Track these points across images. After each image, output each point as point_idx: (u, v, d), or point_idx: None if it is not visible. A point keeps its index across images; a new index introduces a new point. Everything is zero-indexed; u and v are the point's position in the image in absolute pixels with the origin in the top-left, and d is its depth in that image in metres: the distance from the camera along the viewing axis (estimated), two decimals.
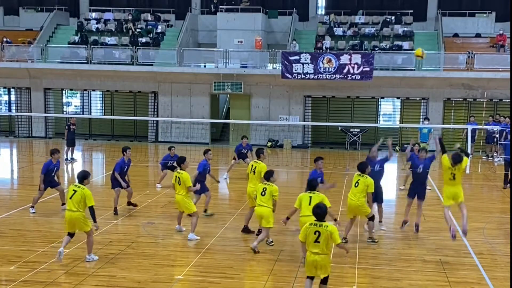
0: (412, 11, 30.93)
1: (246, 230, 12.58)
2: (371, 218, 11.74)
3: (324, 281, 8.47)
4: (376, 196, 12.25)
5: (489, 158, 24.44)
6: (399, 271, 10.11)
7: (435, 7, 31.64)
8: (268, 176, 11.42)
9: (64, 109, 30.96)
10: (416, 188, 12.60)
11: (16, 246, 10.24)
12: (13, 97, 30.92)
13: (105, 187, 17.67)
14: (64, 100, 31.15)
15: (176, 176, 12.13)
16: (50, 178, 14.13)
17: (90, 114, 30.72)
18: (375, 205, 12.73)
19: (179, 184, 12.03)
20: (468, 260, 11.08)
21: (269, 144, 27.50)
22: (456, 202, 11.44)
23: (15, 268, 10.08)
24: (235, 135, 28.05)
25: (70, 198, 10.20)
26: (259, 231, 11.91)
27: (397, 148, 27.66)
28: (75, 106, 33.18)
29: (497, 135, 22.85)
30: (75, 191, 10.20)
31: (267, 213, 11.20)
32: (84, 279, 9.64)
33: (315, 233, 8.23)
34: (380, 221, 12.97)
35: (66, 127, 22.40)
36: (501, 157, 23.56)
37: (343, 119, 27.65)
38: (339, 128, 27.62)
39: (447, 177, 11.33)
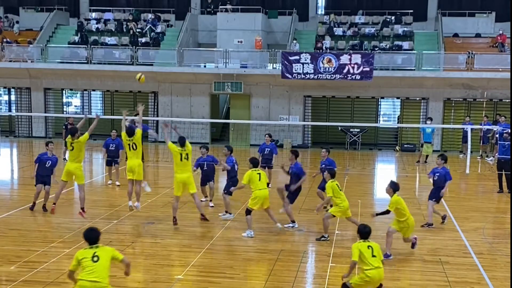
0: (412, 11, 30.88)
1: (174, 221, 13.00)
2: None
3: None
4: None
5: (485, 158, 24.40)
6: (399, 271, 10.11)
7: (435, 7, 31.61)
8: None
9: (64, 109, 30.94)
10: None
11: (16, 246, 10.24)
12: (13, 97, 30.93)
13: (105, 186, 17.68)
14: (64, 100, 31.14)
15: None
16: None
17: (90, 114, 30.64)
18: None
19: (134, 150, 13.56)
20: (468, 260, 11.09)
21: None
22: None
23: (15, 268, 10.08)
24: (235, 135, 28.06)
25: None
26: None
27: (397, 148, 27.66)
28: (75, 106, 33.18)
29: (497, 135, 22.81)
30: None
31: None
32: None
33: (368, 248, 8.28)
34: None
35: (64, 126, 22.39)
36: (493, 157, 23.53)
37: (343, 119, 27.64)
38: (339, 128, 27.60)
39: None
